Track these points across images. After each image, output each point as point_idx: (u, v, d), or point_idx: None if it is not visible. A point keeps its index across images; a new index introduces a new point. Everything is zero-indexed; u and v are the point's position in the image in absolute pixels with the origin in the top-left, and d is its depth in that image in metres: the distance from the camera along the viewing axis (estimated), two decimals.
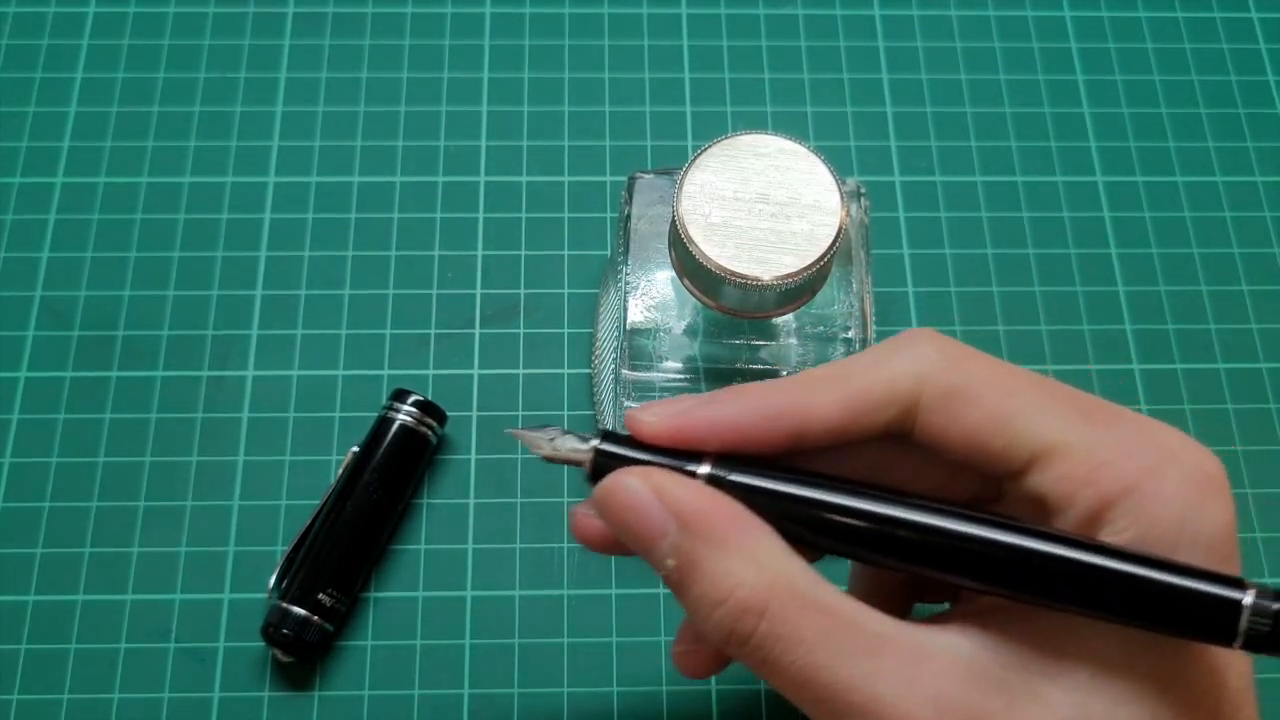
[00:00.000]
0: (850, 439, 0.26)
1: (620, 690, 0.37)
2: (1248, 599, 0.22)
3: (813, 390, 0.26)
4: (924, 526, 0.25)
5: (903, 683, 0.24)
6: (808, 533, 0.26)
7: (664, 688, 0.37)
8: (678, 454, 0.26)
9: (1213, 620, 0.23)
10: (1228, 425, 0.42)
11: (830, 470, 0.27)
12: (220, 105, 0.46)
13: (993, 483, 0.27)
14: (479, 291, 0.43)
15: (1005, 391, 0.25)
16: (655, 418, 0.26)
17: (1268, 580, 0.39)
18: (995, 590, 0.25)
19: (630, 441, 0.27)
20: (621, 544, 0.27)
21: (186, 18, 0.47)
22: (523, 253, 0.44)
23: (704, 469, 0.26)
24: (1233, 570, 0.24)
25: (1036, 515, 0.26)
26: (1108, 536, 0.24)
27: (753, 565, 0.24)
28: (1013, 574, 0.24)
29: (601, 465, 0.27)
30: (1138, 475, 0.24)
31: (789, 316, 0.34)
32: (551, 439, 0.27)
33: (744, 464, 0.26)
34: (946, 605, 0.29)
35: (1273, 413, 0.42)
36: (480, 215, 0.44)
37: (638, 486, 0.25)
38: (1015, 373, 0.26)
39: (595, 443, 0.27)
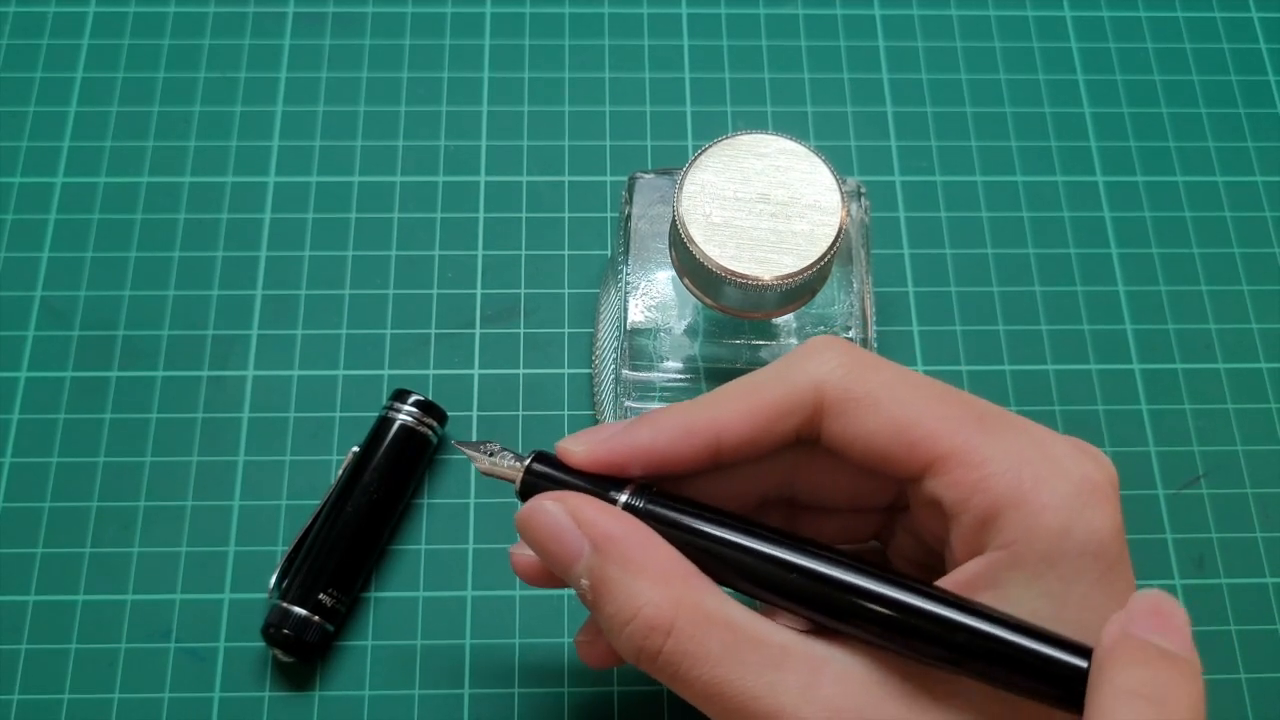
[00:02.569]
0: (765, 449, 0.28)
1: (620, 690, 0.37)
2: (1089, 665, 0.24)
3: (723, 405, 0.27)
4: (808, 571, 0.26)
5: (802, 693, 0.25)
6: (709, 562, 0.27)
7: (664, 687, 0.37)
8: (603, 480, 0.28)
9: (1060, 686, 0.24)
10: (1228, 425, 0.42)
11: (751, 479, 0.29)
12: (220, 105, 0.46)
13: (901, 484, 0.28)
14: (479, 291, 0.43)
15: (902, 399, 0.26)
16: (583, 447, 0.28)
17: (1267, 580, 0.39)
18: (865, 637, 0.26)
19: (559, 464, 0.28)
20: (553, 577, 0.29)
21: (186, 18, 0.47)
22: (523, 253, 0.44)
23: (623, 497, 0.27)
24: (1123, 569, 0.25)
25: (935, 519, 0.27)
26: (996, 544, 0.25)
27: (660, 585, 0.26)
28: (874, 624, 0.25)
29: (530, 485, 0.29)
30: (1027, 485, 0.25)
31: (789, 316, 0.34)
32: (491, 455, 0.29)
33: (661, 495, 0.28)
34: None
35: (1273, 413, 0.42)
36: (480, 215, 0.44)
37: (554, 510, 0.27)
38: (914, 380, 0.27)
39: (526, 463, 0.29)
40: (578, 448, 0.28)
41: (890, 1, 0.49)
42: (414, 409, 0.39)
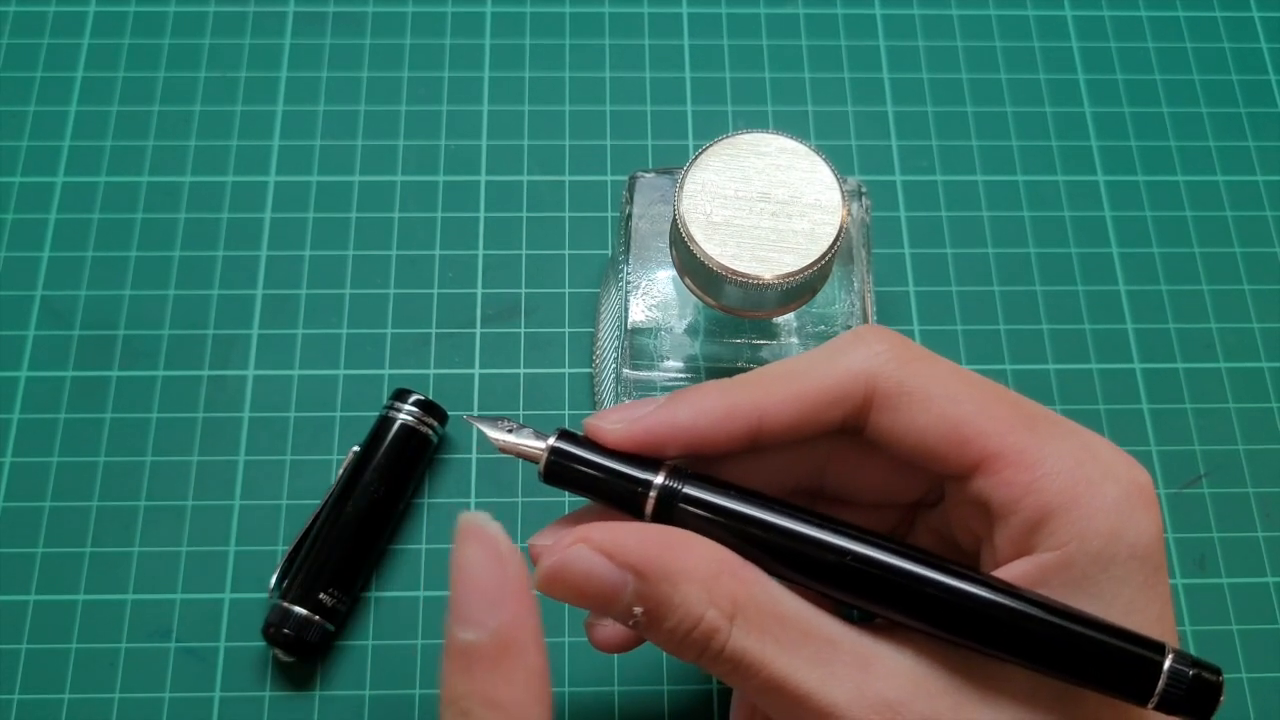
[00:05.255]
0: (806, 434, 0.27)
1: (621, 690, 0.37)
2: (1167, 663, 0.24)
3: (767, 387, 0.27)
4: (862, 557, 0.25)
5: (856, 689, 0.24)
6: (752, 550, 0.26)
7: (665, 687, 0.37)
8: (635, 459, 0.27)
9: (1131, 680, 0.24)
10: (1229, 425, 0.42)
11: (786, 467, 0.28)
12: (220, 105, 0.46)
13: (940, 481, 0.28)
14: (480, 291, 0.43)
15: (955, 396, 0.26)
16: (616, 425, 0.27)
17: (1268, 580, 0.39)
18: (920, 626, 0.25)
19: (586, 442, 0.27)
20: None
21: (186, 17, 0.47)
22: (523, 252, 0.44)
23: (658, 479, 0.26)
24: (1164, 573, 0.25)
25: (977, 518, 0.26)
26: (1046, 545, 0.25)
27: (712, 588, 0.25)
28: (938, 614, 0.25)
29: (555, 465, 0.27)
30: (1081, 488, 0.25)
31: (790, 316, 0.34)
32: (509, 430, 0.28)
33: (697, 478, 0.26)
34: None
35: (1274, 412, 0.42)
36: (481, 214, 0.44)
37: (584, 555, 0.25)
38: (965, 377, 0.27)
39: (551, 441, 0.27)
40: (611, 426, 0.27)
41: (891, 1, 0.49)
42: (414, 408, 0.39)
